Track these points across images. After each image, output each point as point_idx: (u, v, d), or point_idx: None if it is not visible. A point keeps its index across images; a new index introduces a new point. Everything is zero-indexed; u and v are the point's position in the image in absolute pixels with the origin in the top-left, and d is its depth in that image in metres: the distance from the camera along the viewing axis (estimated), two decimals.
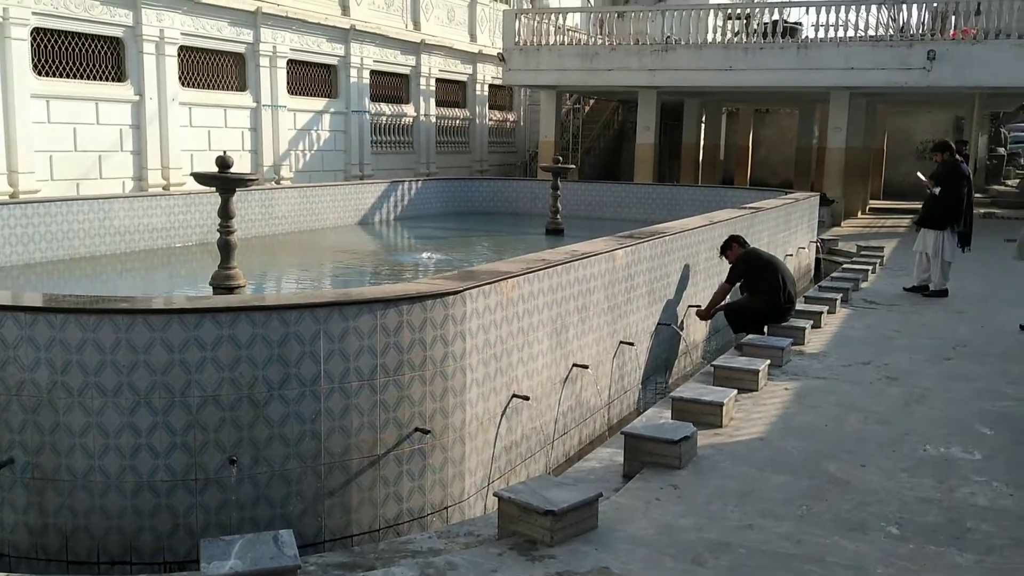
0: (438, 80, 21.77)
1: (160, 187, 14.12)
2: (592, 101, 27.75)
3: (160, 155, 14.27)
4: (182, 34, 14.48)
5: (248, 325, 4.30)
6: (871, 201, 24.48)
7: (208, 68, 15.39)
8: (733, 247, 8.51)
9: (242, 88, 16.04)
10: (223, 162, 7.82)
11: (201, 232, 11.75)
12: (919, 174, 10.62)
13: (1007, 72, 16.80)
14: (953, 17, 18.91)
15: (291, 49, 16.81)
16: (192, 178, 8.19)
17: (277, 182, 16.37)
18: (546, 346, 5.97)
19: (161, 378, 4.21)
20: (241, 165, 15.58)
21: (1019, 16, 17.02)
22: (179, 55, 14.55)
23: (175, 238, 11.75)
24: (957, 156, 10.64)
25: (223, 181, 7.87)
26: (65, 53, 13.06)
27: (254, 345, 4.30)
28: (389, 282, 10.50)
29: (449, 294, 4.86)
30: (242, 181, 8.23)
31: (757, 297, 8.25)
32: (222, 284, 7.80)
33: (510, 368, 5.51)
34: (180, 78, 14.64)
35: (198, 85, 15.16)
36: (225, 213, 7.95)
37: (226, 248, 8.00)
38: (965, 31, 17.56)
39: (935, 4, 18.60)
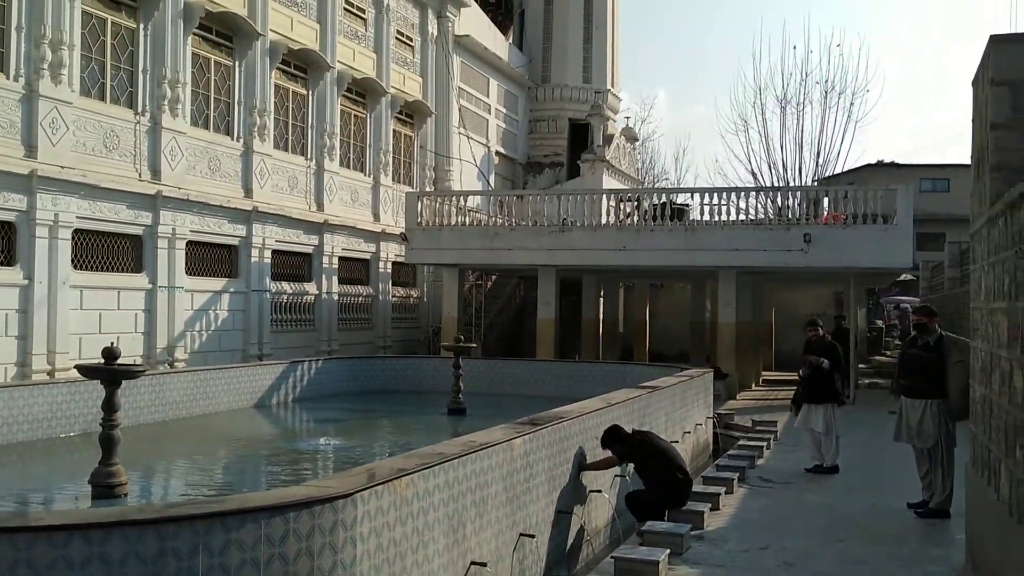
0: (341, 258, 22.02)
1: (45, 373, 13.58)
2: (494, 277, 28.40)
3: (47, 340, 13.81)
4: (77, 217, 14.38)
5: (121, 542, 4.06)
6: (764, 372, 25.30)
7: (103, 250, 15.22)
8: (615, 446, 8.53)
9: (138, 269, 15.85)
10: (109, 353, 7.63)
11: (85, 422, 11.21)
12: (809, 358, 11.01)
13: (875, 254, 18.02)
14: (826, 200, 20.38)
15: (191, 231, 16.83)
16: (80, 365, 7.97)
17: (171, 364, 15.95)
18: (442, 545, 5.81)
19: None
20: (133, 348, 15.20)
21: (883, 203, 18.46)
22: (73, 238, 14.38)
23: (58, 428, 11.17)
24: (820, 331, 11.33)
25: (108, 374, 7.65)
26: None
27: (127, 563, 4.06)
28: (283, 472, 10.16)
29: (339, 498, 4.72)
30: (128, 373, 8.02)
31: (653, 484, 8.29)
32: (103, 483, 7.43)
33: (404, 572, 5.31)
34: (73, 261, 14.41)
35: (91, 267, 14.93)
36: (109, 406, 7.68)
37: (108, 443, 7.68)
38: (836, 216, 18.91)
39: (809, 191, 20.03)
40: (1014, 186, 6.01)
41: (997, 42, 6.56)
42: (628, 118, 39.16)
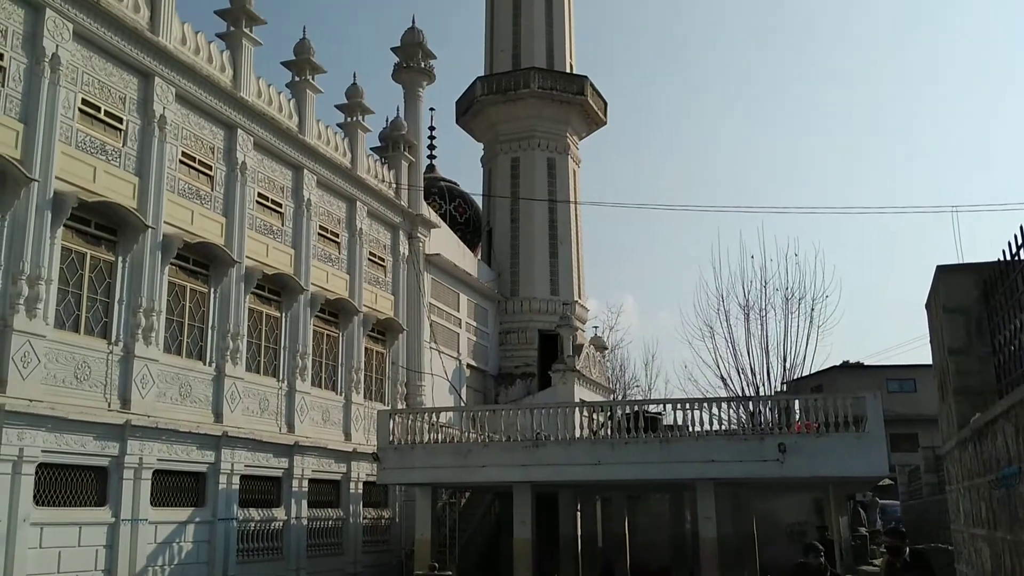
0: (311, 480, 21.49)
1: None
2: (468, 493, 27.76)
3: None
4: (43, 451, 14.06)
5: None
6: None
7: (66, 484, 14.78)
8: None
9: (101, 503, 15.34)
10: None
11: None
12: None
13: (851, 463, 17.95)
14: (797, 405, 20.50)
15: (158, 459, 16.47)
16: None
17: None
18: None
19: None
20: None
21: (853, 408, 18.61)
22: (36, 473, 13.99)
23: None
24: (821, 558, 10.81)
25: None
26: None
27: None
28: None
29: None
30: None
31: None
32: None
33: None
34: (35, 497, 13.95)
35: (53, 503, 14.44)
36: None
37: None
38: (808, 425, 18.98)
39: (780, 400, 20.20)
40: (977, 409, 6.15)
41: (945, 272, 6.93)
42: (596, 327, 39.96)
